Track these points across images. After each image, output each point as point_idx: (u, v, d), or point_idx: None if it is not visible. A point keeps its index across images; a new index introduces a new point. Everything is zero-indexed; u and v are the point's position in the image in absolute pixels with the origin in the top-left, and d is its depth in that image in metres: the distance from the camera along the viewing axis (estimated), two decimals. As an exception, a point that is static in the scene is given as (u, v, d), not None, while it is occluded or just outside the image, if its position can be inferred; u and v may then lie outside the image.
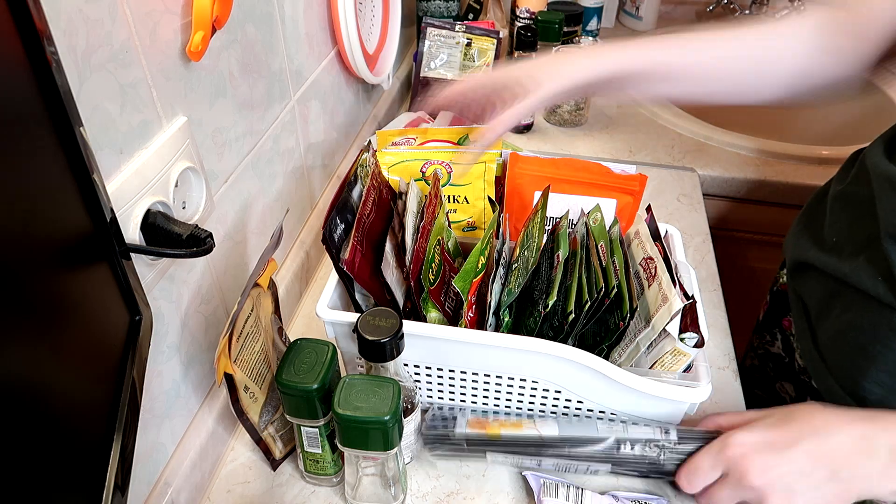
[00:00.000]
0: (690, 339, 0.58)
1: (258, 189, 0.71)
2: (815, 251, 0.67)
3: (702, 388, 0.58)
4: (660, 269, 0.61)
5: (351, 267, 0.60)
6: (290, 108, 0.76)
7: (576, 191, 0.72)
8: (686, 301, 0.56)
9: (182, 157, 0.53)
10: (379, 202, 0.67)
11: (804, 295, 0.69)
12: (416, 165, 0.73)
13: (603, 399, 0.62)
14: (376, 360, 0.56)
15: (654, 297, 0.60)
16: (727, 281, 0.89)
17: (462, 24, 1.11)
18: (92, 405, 0.38)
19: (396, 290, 0.63)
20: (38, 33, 0.31)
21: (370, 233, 0.65)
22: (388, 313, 0.56)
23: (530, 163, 0.72)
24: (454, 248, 0.72)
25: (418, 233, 0.63)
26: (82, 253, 0.38)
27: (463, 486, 0.63)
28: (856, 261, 0.60)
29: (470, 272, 0.62)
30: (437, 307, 0.63)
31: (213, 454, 0.63)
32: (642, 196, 0.71)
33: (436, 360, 0.63)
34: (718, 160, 1.07)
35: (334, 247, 0.60)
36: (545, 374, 0.61)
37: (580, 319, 0.59)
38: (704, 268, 0.88)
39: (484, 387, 0.64)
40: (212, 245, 0.49)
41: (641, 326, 0.60)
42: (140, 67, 0.48)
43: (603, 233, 0.66)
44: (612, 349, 0.62)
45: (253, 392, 0.59)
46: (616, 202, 0.71)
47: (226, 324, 0.54)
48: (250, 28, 0.64)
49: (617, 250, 0.64)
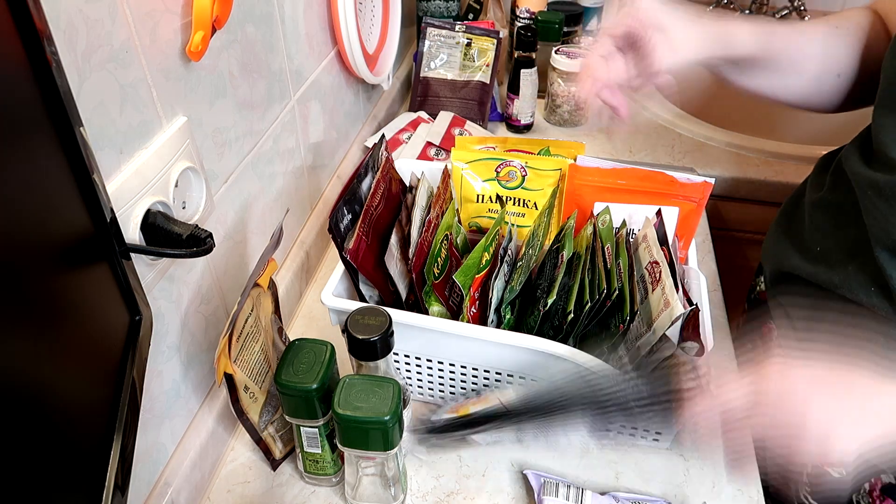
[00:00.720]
0: (691, 347, 0.57)
1: (258, 189, 0.71)
2: (798, 260, 0.65)
3: None
4: (664, 274, 0.60)
5: (355, 256, 0.60)
6: (290, 108, 0.76)
7: (637, 200, 0.71)
8: (689, 308, 0.56)
9: (182, 157, 0.53)
10: (388, 195, 0.67)
11: (787, 305, 0.68)
12: (492, 165, 0.74)
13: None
14: (366, 358, 0.56)
15: (657, 302, 0.60)
16: (727, 281, 0.89)
17: (462, 24, 1.11)
18: (92, 405, 0.38)
19: (399, 282, 0.64)
20: (38, 33, 0.31)
21: (377, 224, 0.65)
22: (377, 311, 0.56)
23: (591, 173, 0.72)
24: (463, 243, 0.72)
25: (424, 226, 0.64)
26: (82, 253, 0.38)
27: (463, 486, 0.63)
28: (845, 270, 0.59)
29: (472, 267, 0.62)
30: (440, 301, 0.64)
31: (213, 454, 0.63)
32: (705, 202, 0.70)
33: (435, 353, 0.64)
34: (718, 160, 1.07)
35: (339, 236, 0.61)
36: (544, 373, 0.61)
37: (580, 320, 0.59)
38: (704, 268, 0.88)
39: (484, 382, 0.65)
40: (212, 245, 0.49)
41: (643, 330, 0.59)
42: (140, 67, 0.48)
43: (610, 235, 0.66)
44: (612, 352, 0.62)
45: (253, 392, 0.59)
46: (678, 210, 0.71)
47: (226, 324, 0.54)
48: (250, 28, 0.64)
49: (623, 253, 0.64)
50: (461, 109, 1.10)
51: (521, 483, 0.63)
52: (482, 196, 0.76)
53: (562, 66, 1.09)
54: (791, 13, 1.40)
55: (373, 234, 0.64)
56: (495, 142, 0.81)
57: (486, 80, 1.10)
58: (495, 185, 0.74)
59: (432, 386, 0.68)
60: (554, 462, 0.65)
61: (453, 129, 1.04)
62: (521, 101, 1.10)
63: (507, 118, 1.14)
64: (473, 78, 1.10)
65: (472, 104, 1.10)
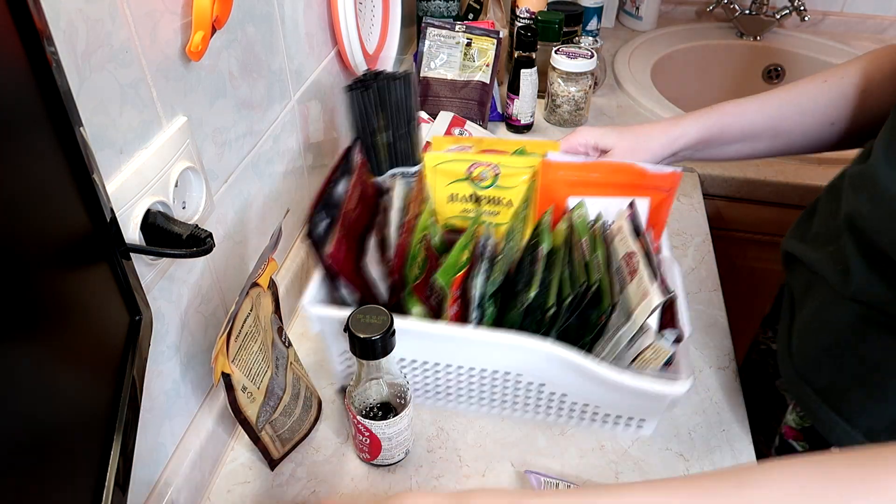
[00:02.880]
0: (670, 334, 0.58)
1: (258, 189, 0.71)
2: (796, 241, 0.68)
3: (681, 382, 0.58)
4: (641, 265, 0.61)
5: (336, 261, 0.60)
6: (290, 108, 0.76)
7: (610, 192, 0.72)
8: (666, 296, 0.57)
9: (182, 157, 0.53)
10: (364, 197, 0.67)
11: (792, 286, 0.70)
12: (462, 166, 0.73)
13: (585, 393, 0.63)
14: (368, 357, 0.56)
15: (635, 292, 0.60)
16: (727, 281, 0.89)
17: (462, 24, 1.11)
18: (92, 405, 0.38)
19: (380, 284, 0.64)
20: (38, 33, 0.31)
21: (355, 228, 0.65)
22: (378, 310, 0.56)
23: (562, 168, 0.72)
24: (440, 243, 0.72)
25: (402, 228, 0.63)
26: (82, 253, 0.38)
27: (463, 486, 0.63)
28: (825, 251, 0.61)
29: (452, 267, 0.62)
30: (420, 301, 0.64)
31: (212, 454, 0.63)
32: (675, 192, 0.71)
33: (420, 355, 0.64)
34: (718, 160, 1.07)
35: (317, 242, 0.60)
36: (528, 367, 0.63)
37: (561, 314, 0.60)
38: (704, 268, 0.88)
39: (469, 380, 0.65)
40: (212, 245, 0.49)
41: (623, 321, 0.60)
42: (140, 67, 0.48)
43: (585, 229, 0.67)
44: (594, 343, 0.63)
45: (251, 392, 0.59)
46: (650, 200, 0.71)
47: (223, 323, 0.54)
48: (250, 28, 0.64)
49: (599, 246, 0.65)
50: (461, 109, 1.10)
51: (521, 483, 0.63)
52: (456, 196, 0.76)
53: (562, 66, 1.09)
54: (791, 13, 1.40)
55: (350, 239, 0.64)
56: (470, 142, 0.80)
57: (486, 80, 1.10)
58: (468, 185, 0.74)
59: (428, 386, 0.68)
60: (554, 462, 0.65)
61: (453, 129, 1.04)
62: (521, 101, 1.10)
63: (507, 118, 1.14)
64: (473, 78, 1.10)
65: (472, 104, 1.10)
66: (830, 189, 0.68)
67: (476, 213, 0.71)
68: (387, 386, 0.59)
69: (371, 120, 0.68)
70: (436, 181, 0.75)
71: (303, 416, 0.66)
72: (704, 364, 0.75)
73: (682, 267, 0.88)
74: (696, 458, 0.65)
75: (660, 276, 0.59)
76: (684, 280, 0.85)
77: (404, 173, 0.73)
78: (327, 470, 0.64)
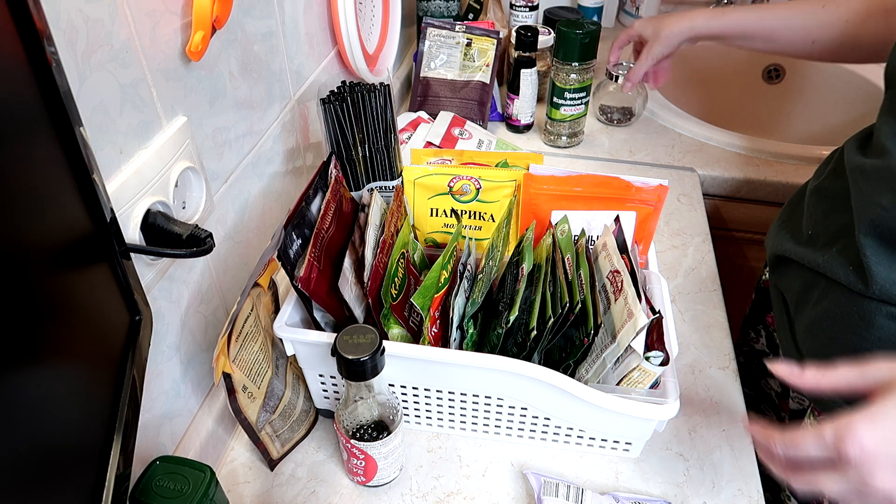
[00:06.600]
0: (656, 357, 0.56)
1: (258, 189, 0.71)
2: (791, 244, 0.68)
3: (669, 405, 0.56)
4: (626, 284, 0.59)
5: (306, 285, 0.58)
6: (290, 108, 0.76)
7: (594, 206, 0.70)
8: (652, 317, 0.55)
9: (182, 157, 0.53)
10: (339, 215, 0.64)
11: (783, 288, 0.70)
12: (443, 180, 0.72)
13: (570, 416, 0.61)
14: (359, 379, 0.54)
15: (619, 312, 0.58)
16: (727, 281, 0.89)
17: (462, 24, 1.11)
18: (92, 405, 0.38)
19: (356, 306, 0.61)
20: (38, 33, 0.31)
21: (329, 247, 0.62)
22: (364, 329, 0.54)
23: (546, 182, 0.70)
24: (420, 260, 0.70)
25: (378, 247, 0.61)
26: (82, 253, 0.38)
27: (463, 486, 0.63)
28: (829, 251, 0.61)
29: (431, 287, 0.60)
30: (399, 323, 0.62)
31: (212, 454, 0.63)
32: (662, 206, 0.70)
33: (398, 378, 0.62)
34: (718, 160, 1.07)
35: (289, 263, 0.58)
36: (509, 391, 0.60)
37: (544, 335, 0.57)
38: (704, 268, 0.88)
39: (449, 404, 0.64)
40: (212, 245, 0.49)
41: (608, 342, 0.58)
42: (140, 67, 0.48)
43: (570, 245, 0.65)
44: (578, 365, 0.61)
45: (251, 392, 0.59)
46: (636, 214, 0.70)
47: (225, 323, 0.54)
48: (250, 28, 0.64)
49: (583, 263, 0.63)
50: (461, 109, 1.10)
51: (521, 483, 0.63)
52: (437, 210, 0.74)
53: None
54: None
55: (325, 259, 0.61)
56: (451, 154, 0.79)
57: (486, 80, 1.10)
58: (449, 199, 0.72)
59: (407, 410, 0.66)
60: (554, 462, 0.65)
61: (453, 129, 1.04)
62: (521, 101, 1.10)
63: (507, 118, 1.14)
64: (473, 78, 1.10)
65: (472, 104, 1.10)
66: (817, 191, 0.68)
67: (456, 230, 0.68)
68: (377, 405, 0.58)
69: (347, 133, 0.67)
70: (416, 195, 0.73)
71: (303, 416, 0.66)
72: (704, 364, 0.75)
73: (682, 267, 0.88)
74: (696, 458, 0.65)
75: (644, 295, 0.58)
76: (676, 290, 0.85)
77: (383, 188, 0.72)
78: (327, 470, 0.65)
